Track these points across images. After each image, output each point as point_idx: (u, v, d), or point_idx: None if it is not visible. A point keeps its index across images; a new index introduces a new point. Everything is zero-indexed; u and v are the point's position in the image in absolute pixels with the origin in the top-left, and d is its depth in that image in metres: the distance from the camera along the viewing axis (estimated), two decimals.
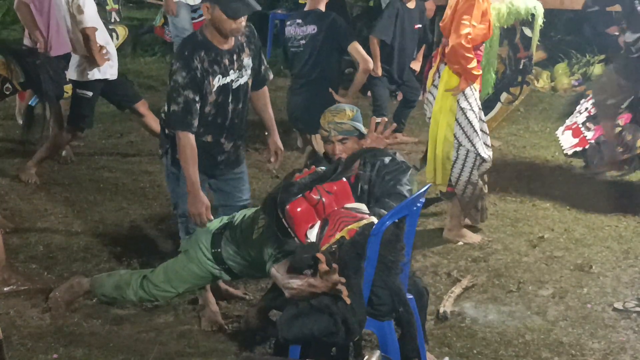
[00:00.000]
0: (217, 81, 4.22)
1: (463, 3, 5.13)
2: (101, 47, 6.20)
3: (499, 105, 6.00)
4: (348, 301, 3.46)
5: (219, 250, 4.04)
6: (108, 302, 4.51)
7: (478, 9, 5.11)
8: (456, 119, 5.29)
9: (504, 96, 5.90)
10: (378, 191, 3.96)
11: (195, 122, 4.17)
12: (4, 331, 4.22)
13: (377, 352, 3.37)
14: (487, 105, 5.82)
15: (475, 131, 5.30)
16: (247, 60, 4.33)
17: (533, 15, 5.56)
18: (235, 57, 4.28)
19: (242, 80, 4.33)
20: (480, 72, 5.28)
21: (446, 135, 5.34)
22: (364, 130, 4.14)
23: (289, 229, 3.62)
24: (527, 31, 5.65)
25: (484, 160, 5.36)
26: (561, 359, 4.21)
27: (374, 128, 4.14)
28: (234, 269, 4.08)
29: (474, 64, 5.18)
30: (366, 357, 3.35)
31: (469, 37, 5.09)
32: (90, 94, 6.33)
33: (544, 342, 4.34)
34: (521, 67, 5.77)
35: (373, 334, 4.01)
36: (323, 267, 3.40)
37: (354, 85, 6.22)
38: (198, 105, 4.17)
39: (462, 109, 5.28)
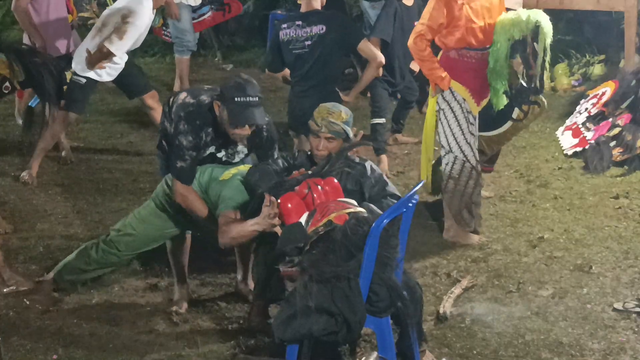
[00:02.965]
0: (209, 150, 4.47)
1: (426, 6, 5.34)
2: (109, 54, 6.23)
3: (509, 122, 5.70)
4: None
5: None
6: (71, 281, 4.72)
7: (438, 10, 5.20)
8: (437, 119, 5.46)
9: (515, 112, 5.63)
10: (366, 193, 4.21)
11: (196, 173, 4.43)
12: (4, 332, 4.24)
13: (375, 354, 3.37)
14: (497, 119, 5.67)
15: (453, 133, 5.40)
16: (242, 147, 4.54)
17: (538, 27, 5.28)
18: (231, 143, 4.49)
19: (233, 159, 4.54)
20: (444, 75, 5.31)
21: (429, 133, 5.56)
22: (351, 135, 4.42)
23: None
24: (537, 46, 5.41)
25: (465, 161, 5.38)
26: (561, 359, 4.21)
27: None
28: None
29: (432, 65, 5.30)
30: (363, 358, 3.36)
31: (419, 39, 5.22)
32: (83, 80, 6.39)
33: (544, 343, 4.34)
34: (532, 85, 5.48)
35: (372, 334, 4.01)
36: (267, 201, 3.73)
37: (362, 81, 6.08)
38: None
39: (441, 109, 5.43)
